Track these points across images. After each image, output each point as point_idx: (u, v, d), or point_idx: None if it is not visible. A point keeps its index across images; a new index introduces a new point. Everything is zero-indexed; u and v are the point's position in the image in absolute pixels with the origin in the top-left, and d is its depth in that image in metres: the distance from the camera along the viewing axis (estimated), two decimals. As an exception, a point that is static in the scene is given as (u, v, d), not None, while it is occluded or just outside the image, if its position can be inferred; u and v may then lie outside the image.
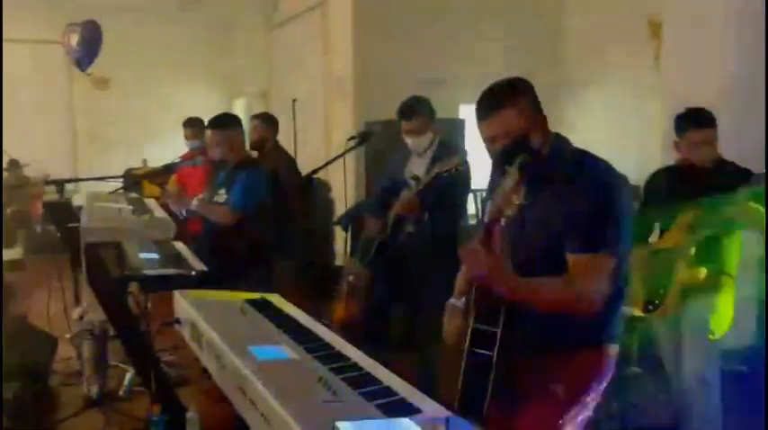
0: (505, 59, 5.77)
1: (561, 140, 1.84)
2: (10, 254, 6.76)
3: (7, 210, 6.93)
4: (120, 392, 3.38)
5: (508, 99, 1.73)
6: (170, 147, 7.83)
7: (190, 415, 3.17)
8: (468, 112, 5.49)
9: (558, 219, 1.70)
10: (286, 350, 1.56)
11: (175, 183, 4.46)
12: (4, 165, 7.35)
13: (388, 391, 1.34)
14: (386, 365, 1.50)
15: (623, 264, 1.75)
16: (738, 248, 2.81)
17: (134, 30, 7.86)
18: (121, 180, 5.65)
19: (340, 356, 1.55)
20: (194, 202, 3.22)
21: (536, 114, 1.77)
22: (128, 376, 3.42)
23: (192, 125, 4.74)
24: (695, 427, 2.78)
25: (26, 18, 7.76)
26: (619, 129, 5.48)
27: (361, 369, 1.47)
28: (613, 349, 1.83)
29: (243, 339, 1.58)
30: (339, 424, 1.11)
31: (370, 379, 1.41)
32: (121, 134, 8.59)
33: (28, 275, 5.81)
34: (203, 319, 1.71)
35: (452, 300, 1.93)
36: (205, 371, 3.45)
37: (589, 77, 5.81)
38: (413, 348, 3.15)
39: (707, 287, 2.73)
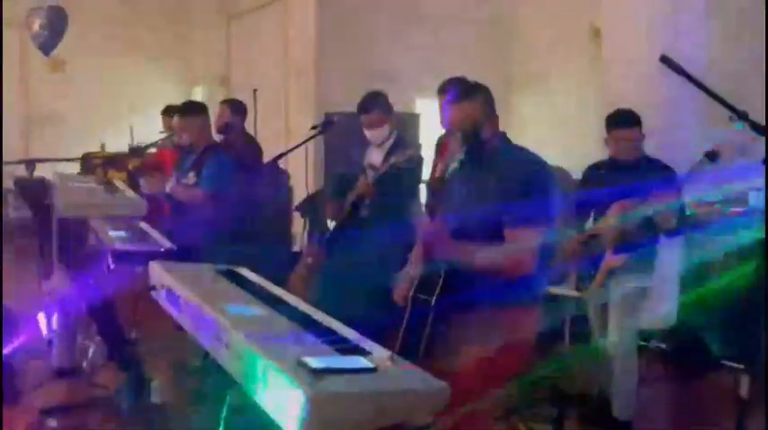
0: (461, 59, 6.08)
1: (505, 137, 2.22)
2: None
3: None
4: (84, 365, 3.54)
5: (472, 93, 2.15)
6: (126, 132, 7.89)
7: (153, 384, 3.38)
8: (423, 107, 5.77)
9: (494, 199, 2.05)
10: (256, 308, 1.78)
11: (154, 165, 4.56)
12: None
13: (346, 340, 1.58)
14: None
15: (548, 237, 2.08)
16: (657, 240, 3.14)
17: (92, 13, 7.84)
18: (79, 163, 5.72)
19: (304, 314, 1.78)
20: (168, 185, 3.40)
21: (490, 113, 2.15)
22: (91, 350, 3.59)
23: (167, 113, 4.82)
24: (614, 391, 3.11)
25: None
26: (564, 127, 5.85)
27: (321, 323, 1.71)
28: (537, 309, 2.16)
29: (216, 299, 1.79)
30: (305, 358, 1.34)
31: (329, 331, 1.64)
32: (76, 118, 8.54)
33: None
34: (180, 283, 1.91)
35: (407, 268, 2.24)
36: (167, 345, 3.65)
37: (537, 77, 6.16)
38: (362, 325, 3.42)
39: (628, 270, 3.05)
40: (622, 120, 3.09)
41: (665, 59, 1.66)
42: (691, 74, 1.68)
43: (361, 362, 1.41)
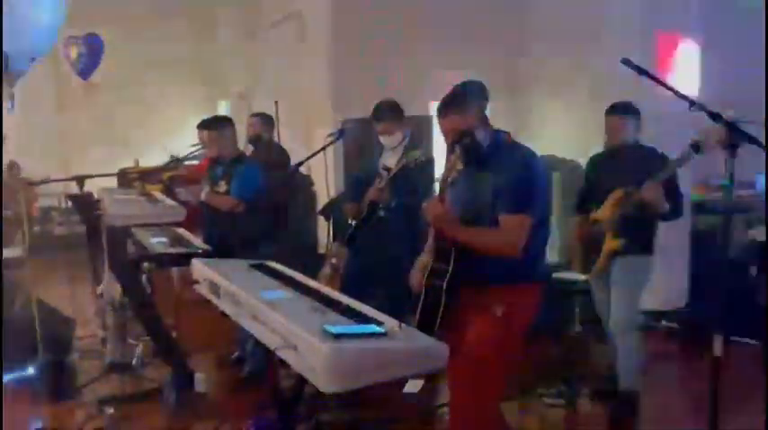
0: (472, 58, 6.34)
1: (500, 134, 2.46)
2: (10, 252, 7.18)
3: (7, 212, 7.30)
4: (134, 362, 3.89)
5: (455, 106, 2.37)
6: (155, 147, 8.32)
7: (197, 376, 3.71)
8: (436, 109, 6.01)
9: (490, 189, 2.32)
10: (286, 293, 2.08)
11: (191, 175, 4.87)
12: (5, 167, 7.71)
13: (363, 314, 1.87)
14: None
15: (541, 221, 2.35)
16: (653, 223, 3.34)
17: (123, 35, 8.26)
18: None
19: (328, 297, 2.07)
20: (203, 194, 3.72)
21: (481, 114, 2.39)
22: (138, 349, 3.94)
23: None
24: (618, 365, 3.33)
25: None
26: (583, 123, 5.98)
27: (342, 302, 2.00)
28: (537, 287, 2.43)
29: (252, 287, 2.10)
30: (326, 326, 1.64)
31: (350, 308, 1.93)
32: (110, 135, 9.02)
33: (28, 271, 6.25)
34: (219, 275, 2.22)
35: (422, 256, 2.53)
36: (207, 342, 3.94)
37: (554, 77, 6.33)
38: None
39: (626, 253, 3.26)
40: (613, 109, 3.31)
41: (625, 61, 1.89)
42: (651, 73, 1.91)
43: (373, 328, 1.70)
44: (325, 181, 4.28)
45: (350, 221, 3.73)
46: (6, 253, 6.99)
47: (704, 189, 5.24)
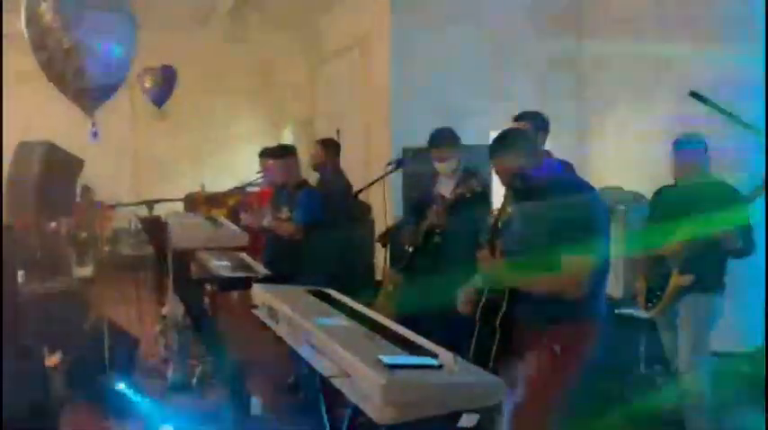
0: (532, 90, 6.33)
1: (559, 167, 2.45)
2: (83, 271, 7.56)
3: (82, 234, 7.69)
4: (194, 382, 3.98)
5: (505, 146, 2.36)
6: (221, 172, 8.61)
7: (253, 400, 3.76)
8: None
9: (547, 228, 2.27)
10: (342, 321, 2.10)
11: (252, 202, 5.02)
12: (78, 190, 8.14)
13: (416, 344, 1.86)
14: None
15: (600, 259, 2.28)
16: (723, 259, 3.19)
17: (189, 66, 8.63)
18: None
19: (382, 325, 2.07)
20: (265, 220, 3.81)
21: (532, 150, 2.37)
22: (198, 370, 4.03)
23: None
24: (686, 411, 3.17)
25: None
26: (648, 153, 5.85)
27: (397, 332, 1.99)
28: (595, 325, 2.35)
29: (308, 313, 2.12)
30: (381, 356, 1.64)
31: (403, 337, 1.92)
32: (179, 160, 9.41)
33: (98, 290, 6.55)
34: (278, 301, 2.26)
35: (465, 286, 2.54)
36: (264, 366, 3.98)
37: (614, 104, 6.23)
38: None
39: (694, 290, 3.13)
40: (683, 142, 3.20)
41: (693, 94, 1.84)
42: (720, 105, 1.85)
43: (428, 360, 1.69)
44: (384, 208, 4.32)
45: (407, 248, 3.73)
46: (80, 272, 7.39)
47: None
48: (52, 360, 3.85)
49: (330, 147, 4.77)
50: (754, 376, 4.25)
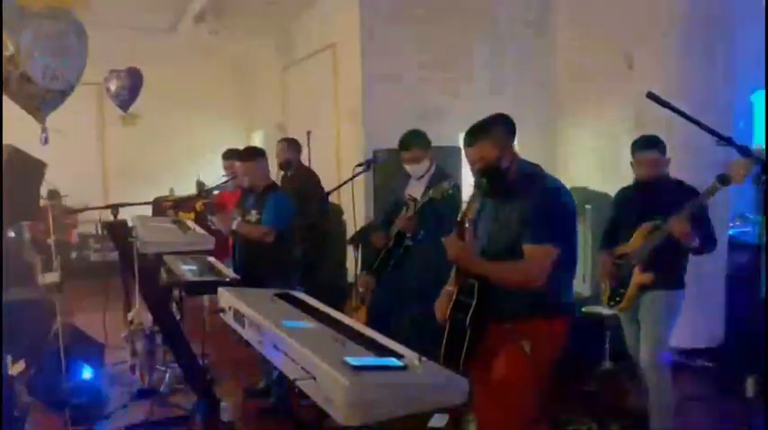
0: (502, 92, 6.41)
1: (528, 165, 2.46)
2: (50, 277, 7.39)
3: (49, 239, 7.51)
4: (162, 388, 3.93)
5: (483, 134, 2.38)
6: (190, 176, 8.51)
7: (223, 405, 3.73)
8: (465, 141, 6.05)
9: (515, 219, 2.31)
10: (308, 323, 2.10)
11: (218, 205, 4.99)
12: (45, 194, 7.96)
13: (383, 346, 1.88)
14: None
15: (566, 253, 2.31)
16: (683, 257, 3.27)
17: (158, 70, 8.54)
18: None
19: (349, 327, 2.08)
20: (234, 223, 3.78)
21: (505, 144, 2.38)
22: (167, 375, 3.98)
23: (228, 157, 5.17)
24: (649, 405, 3.23)
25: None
26: (612, 153, 5.96)
27: (363, 334, 2.00)
28: (563, 320, 2.38)
29: (275, 316, 2.12)
30: (347, 358, 1.64)
31: (369, 339, 1.94)
32: (146, 165, 9.28)
33: (65, 296, 6.43)
34: (245, 304, 2.25)
35: (447, 287, 2.51)
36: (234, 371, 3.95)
37: (584, 106, 6.33)
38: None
39: (655, 287, 3.20)
40: (642, 143, 3.28)
41: (651, 95, 1.88)
42: (676, 107, 1.90)
43: (394, 361, 1.70)
44: (353, 210, 4.33)
45: (378, 250, 3.74)
46: (46, 278, 7.23)
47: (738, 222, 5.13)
48: (16, 368, 3.77)
49: (292, 144, 4.79)
50: (711, 371, 4.37)
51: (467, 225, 2.33)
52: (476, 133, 2.39)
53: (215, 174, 6.00)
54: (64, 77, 3.63)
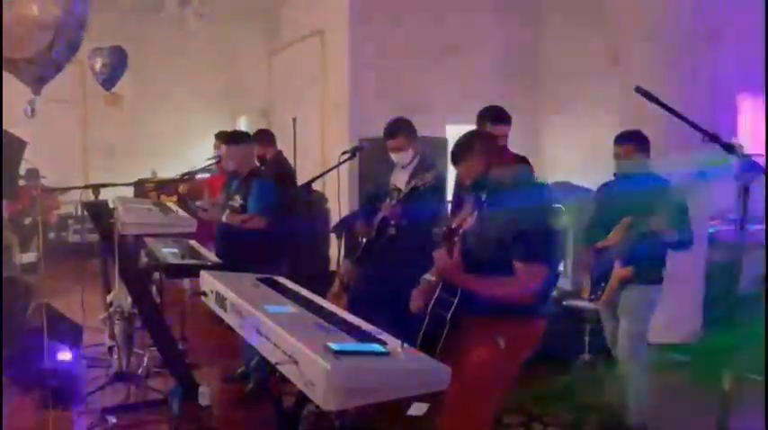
0: (489, 85, 6.40)
1: (520, 169, 2.55)
2: (26, 258, 7.29)
3: (26, 219, 7.41)
4: (140, 371, 3.90)
5: (466, 153, 2.42)
6: (173, 159, 8.41)
7: (202, 389, 3.71)
8: (452, 132, 6.05)
9: (505, 233, 2.30)
10: (290, 308, 2.08)
11: (206, 190, 4.92)
12: (23, 172, 7.82)
13: (365, 331, 1.87)
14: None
15: (552, 265, 2.38)
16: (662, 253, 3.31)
17: (144, 51, 8.42)
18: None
19: (331, 313, 2.07)
20: (224, 216, 3.74)
21: (490, 157, 2.41)
22: (146, 358, 3.95)
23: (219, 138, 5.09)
24: (627, 398, 3.27)
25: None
26: (594, 149, 6.00)
27: (345, 319, 1.99)
28: (537, 322, 2.43)
29: (257, 301, 2.10)
30: (329, 343, 1.63)
31: (352, 325, 1.93)
32: (129, 147, 9.16)
33: (42, 277, 6.35)
34: (226, 288, 2.23)
35: (426, 275, 2.52)
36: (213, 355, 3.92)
37: (566, 102, 6.37)
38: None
39: (634, 282, 3.23)
40: (618, 136, 3.31)
41: (639, 90, 1.89)
42: (664, 102, 1.91)
43: (376, 347, 1.70)
44: (338, 199, 4.30)
45: (361, 239, 3.73)
46: (24, 259, 7.12)
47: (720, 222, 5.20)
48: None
49: (264, 138, 4.71)
50: (687, 365, 4.44)
51: (455, 239, 2.33)
52: (459, 153, 2.44)
53: (199, 158, 5.94)
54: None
